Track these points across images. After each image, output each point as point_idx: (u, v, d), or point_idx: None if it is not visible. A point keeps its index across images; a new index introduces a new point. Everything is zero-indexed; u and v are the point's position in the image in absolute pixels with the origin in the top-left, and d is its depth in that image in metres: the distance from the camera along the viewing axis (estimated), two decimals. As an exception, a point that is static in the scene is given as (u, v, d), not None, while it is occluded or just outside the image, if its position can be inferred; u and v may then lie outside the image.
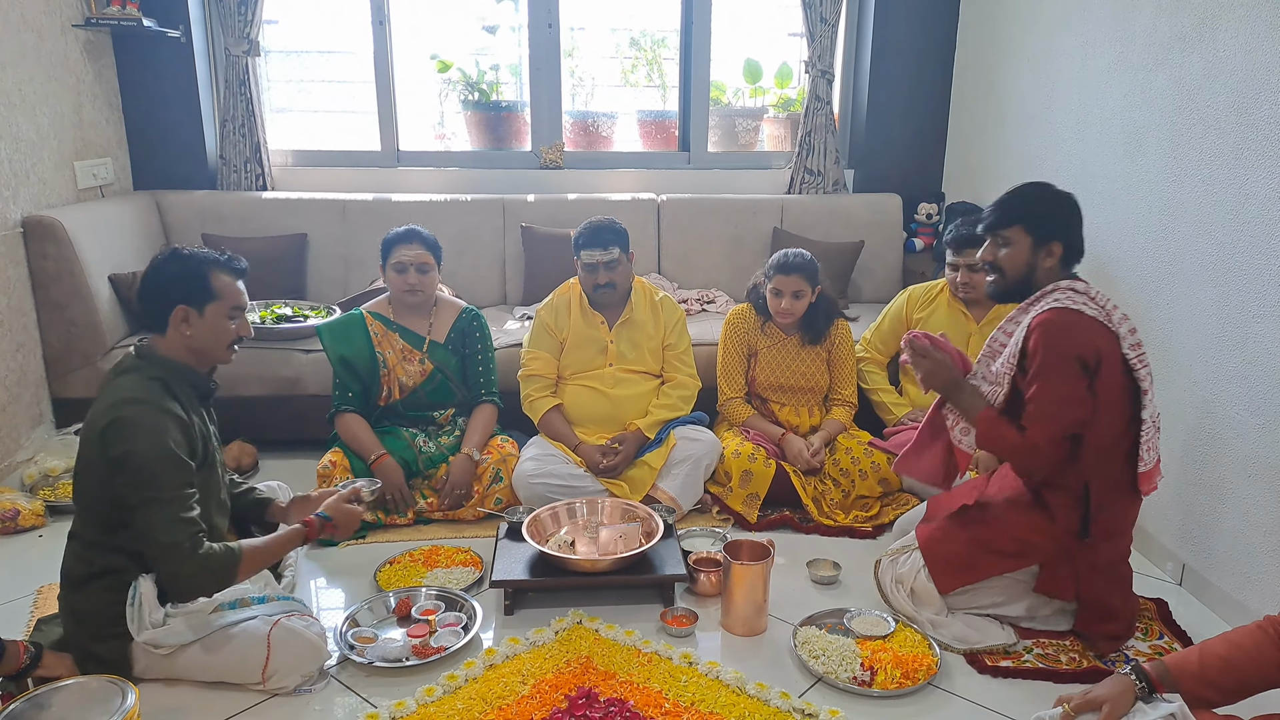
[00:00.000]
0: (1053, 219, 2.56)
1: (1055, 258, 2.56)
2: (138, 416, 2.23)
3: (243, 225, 4.42)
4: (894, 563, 2.82)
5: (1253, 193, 2.67)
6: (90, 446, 2.27)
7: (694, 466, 3.39)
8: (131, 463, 2.20)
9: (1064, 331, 2.44)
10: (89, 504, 2.33)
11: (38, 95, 3.79)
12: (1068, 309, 2.47)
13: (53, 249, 3.66)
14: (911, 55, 4.87)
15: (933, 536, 2.73)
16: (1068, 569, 2.59)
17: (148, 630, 2.29)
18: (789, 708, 2.33)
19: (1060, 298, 2.50)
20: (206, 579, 2.28)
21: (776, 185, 5.01)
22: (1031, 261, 2.58)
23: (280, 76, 4.94)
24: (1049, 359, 2.44)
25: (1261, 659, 1.89)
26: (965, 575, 2.65)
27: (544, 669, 2.50)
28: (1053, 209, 2.58)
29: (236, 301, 2.44)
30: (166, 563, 2.24)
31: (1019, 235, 2.58)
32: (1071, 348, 2.43)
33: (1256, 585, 2.68)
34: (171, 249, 2.40)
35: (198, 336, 2.39)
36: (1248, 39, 2.69)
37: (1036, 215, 2.57)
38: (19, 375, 3.65)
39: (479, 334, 3.53)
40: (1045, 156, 3.89)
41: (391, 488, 3.27)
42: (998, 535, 2.62)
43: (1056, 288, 2.54)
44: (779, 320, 3.55)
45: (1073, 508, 2.55)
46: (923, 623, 2.67)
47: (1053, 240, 2.55)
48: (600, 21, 5.01)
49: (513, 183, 4.80)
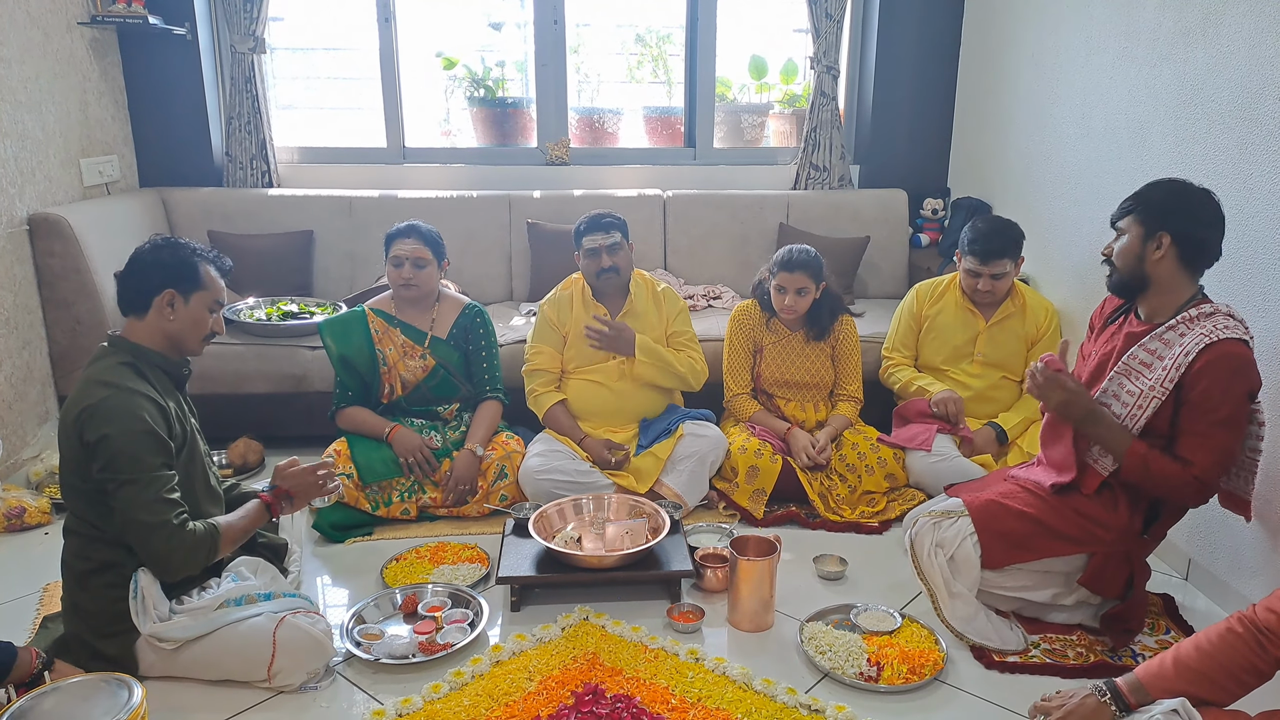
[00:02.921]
0: (1163, 208, 2.43)
1: (1165, 250, 2.42)
2: (111, 400, 2.24)
3: (249, 222, 4.43)
4: (936, 526, 2.71)
5: (1257, 187, 2.66)
6: (68, 438, 2.27)
7: (699, 462, 3.39)
8: (109, 446, 2.20)
9: (1248, 368, 2.35)
10: (76, 498, 2.32)
11: (44, 92, 3.80)
12: (1241, 340, 2.35)
13: (59, 246, 3.67)
14: (916, 50, 4.86)
15: (987, 508, 2.64)
16: (1122, 564, 2.55)
17: (153, 624, 2.29)
18: (795, 703, 2.33)
19: (1231, 325, 2.37)
20: (190, 556, 2.29)
21: (782, 181, 5.00)
22: (1140, 253, 2.46)
23: (286, 73, 4.94)
24: (1229, 395, 2.34)
25: (1234, 664, 1.85)
26: (1018, 553, 2.59)
27: (550, 665, 2.50)
28: (1167, 198, 2.44)
29: (219, 296, 2.49)
30: (150, 543, 2.25)
31: (1131, 225, 2.48)
32: (1250, 384, 2.36)
33: (1262, 579, 2.67)
34: (164, 237, 2.43)
35: (179, 322, 2.41)
36: (1251, 34, 2.68)
37: (1148, 203, 2.46)
38: (25, 373, 3.66)
39: (482, 330, 3.53)
40: (1050, 151, 3.88)
41: (412, 451, 3.29)
42: (1059, 517, 2.56)
43: (1217, 310, 2.41)
44: (783, 317, 3.55)
45: (1140, 504, 2.52)
46: (942, 594, 2.63)
47: (1161, 230, 2.42)
48: (606, 18, 5.00)
49: (519, 179, 4.80)
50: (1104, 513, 2.54)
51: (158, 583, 2.34)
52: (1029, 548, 2.59)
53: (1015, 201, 4.18)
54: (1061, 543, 2.57)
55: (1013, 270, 3.50)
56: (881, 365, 3.80)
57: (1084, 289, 3.55)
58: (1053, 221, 3.81)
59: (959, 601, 2.62)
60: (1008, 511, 2.62)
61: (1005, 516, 2.61)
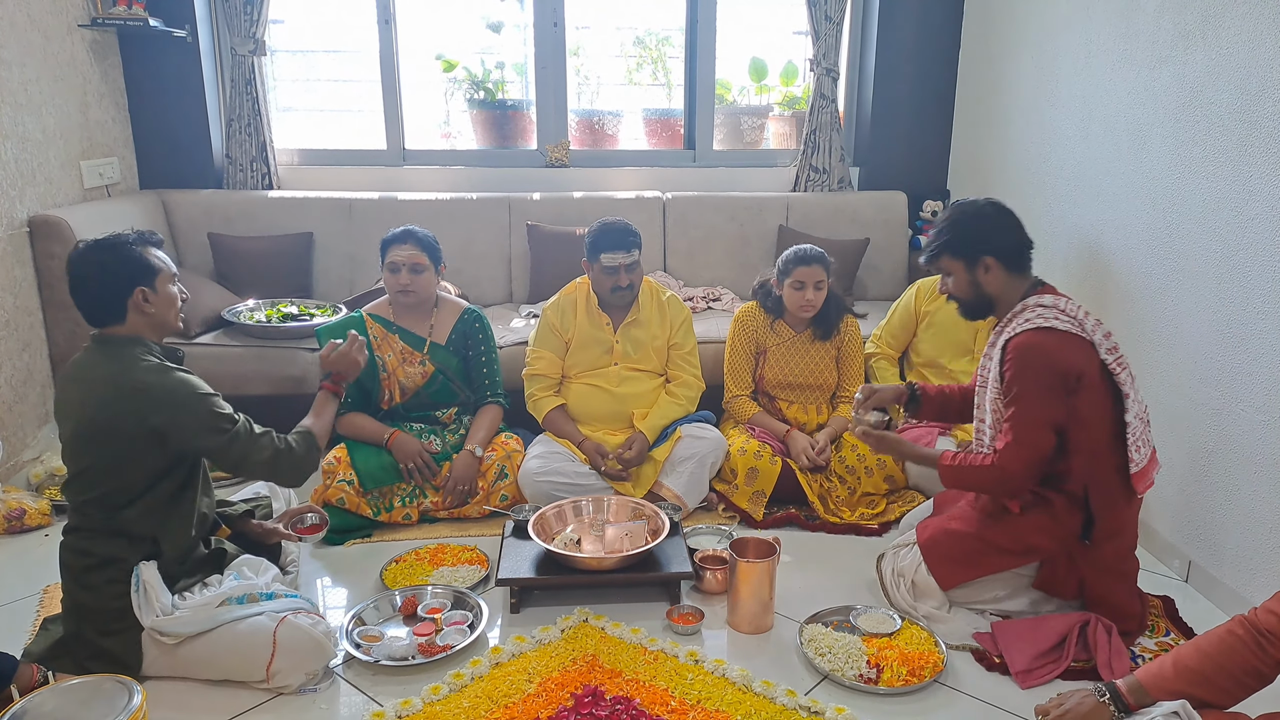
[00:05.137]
0: (968, 237, 2.59)
1: (995, 269, 2.57)
2: (162, 380, 2.35)
3: (249, 224, 4.43)
4: (896, 555, 2.83)
5: (1257, 189, 2.67)
6: (107, 428, 2.30)
7: (699, 464, 3.39)
8: (187, 419, 2.35)
9: (1038, 353, 2.44)
10: (92, 487, 2.34)
11: (44, 95, 3.81)
12: (1040, 329, 2.46)
13: (59, 248, 3.66)
14: (916, 52, 4.86)
15: (933, 535, 2.73)
16: (1070, 569, 2.59)
17: (155, 617, 2.31)
18: (795, 705, 2.33)
19: (1031, 317, 2.50)
20: (307, 460, 2.59)
21: (782, 183, 5.00)
22: (974, 280, 2.61)
23: (286, 76, 4.94)
24: (1024, 383, 2.45)
25: (1235, 666, 1.84)
26: (966, 571, 2.66)
27: (550, 667, 2.50)
28: (965, 228, 2.60)
29: (172, 269, 2.51)
30: (276, 472, 2.53)
31: (950, 264, 2.63)
32: (1048, 369, 2.43)
33: (1262, 581, 2.67)
34: (89, 243, 2.40)
35: (158, 311, 2.44)
36: (1251, 35, 2.68)
37: (953, 241, 2.61)
38: (25, 375, 3.66)
39: (481, 335, 3.52)
40: (1049, 153, 3.88)
41: (412, 456, 3.29)
42: (1000, 533, 2.61)
43: (1025, 305, 2.53)
44: (802, 313, 3.54)
45: (1074, 510, 2.56)
46: (920, 618, 2.68)
47: (981, 256, 2.57)
48: (605, 20, 5.00)
49: (518, 181, 4.80)
50: (1038, 522, 2.58)
51: (159, 576, 2.37)
52: (974, 564, 2.66)
53: (1015, 203, 4.12)
54: (1004, 556, 2.63)
55: None
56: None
57: (1084, 290, 3.55)
58: (1052, 223, 3.81)
59: (937, 624, 2.66)
60: (951, 535, 2.70)
61: (948, 540, 2.70)
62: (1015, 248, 2.60)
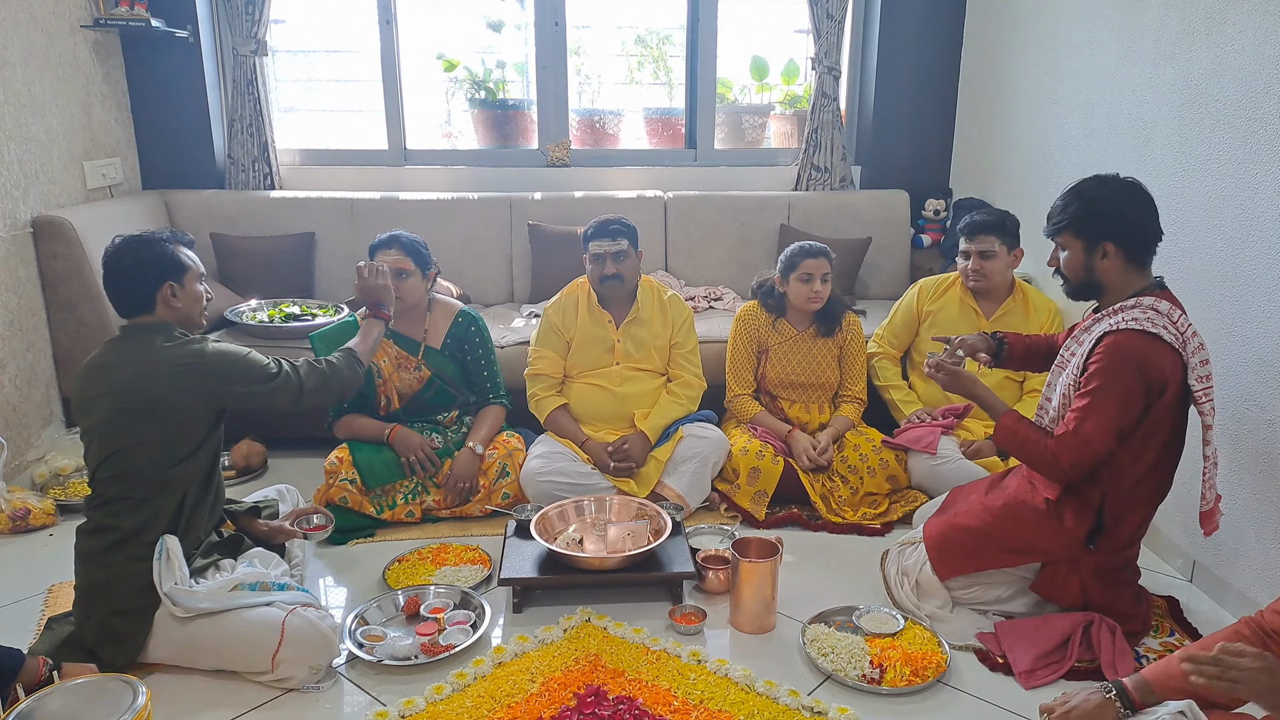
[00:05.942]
0: (1097, 220, 2.44)
1: (1113, 257, 2.45)
2: (211, 350, 2.48)
3: (251, 224, 4.44)
4: (901, 554, 2.83)
5: (1261, 186, 2.66)
6: (164, 398, 2.40)
7: (701, 464, 3.39)
8: (243, 378, 2.51)
9: (1134, 357, 2.34)
10: (132, 460, 2.39)
11: (47, 96, 3.81)
12: (1145, 332, 2.35)
13: (62, 249, 3.68)
14: (918, 51, 4.86)
15: (939, 528, 2.73)
16: (1071, 575, 2.57)
17: (173, 585, 2.35)
18: (798, 705, 2.33)
19: (1139, 316, 2.38)
20: (352, 374, 2.77)
21: (783, 182, 5.00)
22: (1088, 264, 2.48)
23: (288, 76, 4.94)
24: (1107, 381, 2.36)
25: None
26: (964, 564, 2.66)
27: (553, 667, 2.50)
28: (1092, 207, 2.45)
29: (200, 269, 2.61)
30: (329, 388, 2.70)
31: (1070, 240, 2.50)
32: (1138, 376, 2.34)
33: (1267, 581, 2.67)
34: (126, 237, 2.51)
35: (185, 306, 2.54)
36: (1255, 33, 2.67)
37: (1081, 219, 2.47)
38: (29, 375, 3.66)
39: (478, 338, 3.49)
40: (1053, 152, 3.88)
41: (414, 450, 3.29)
42: (1004, 530, 2.61)
43: (1138, 302, 2.42)
44: (809, 305, 3.53)
45: (1085, 516, 2.52)
46: (923, 618, 2.68)
47: (1103, 241, 2.44)
48: (606, 19, 5.00)
49: (520, 181, 4.80)
50: (1045, 524, 2.57)
51: (181, 547, 2.42)
52: (974, 559, 2.65)
53: (1018, 201, 4.17)
54: (1006, 554, 2.62)
55: (1003, 253, 3.49)
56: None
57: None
58: (1055, 222, 3.80)
59: (940, 624, 2.66)
60: (955, 528, 2.70)
61: (954, 532, 2.70)
62: (1141, 238, 2.44)
